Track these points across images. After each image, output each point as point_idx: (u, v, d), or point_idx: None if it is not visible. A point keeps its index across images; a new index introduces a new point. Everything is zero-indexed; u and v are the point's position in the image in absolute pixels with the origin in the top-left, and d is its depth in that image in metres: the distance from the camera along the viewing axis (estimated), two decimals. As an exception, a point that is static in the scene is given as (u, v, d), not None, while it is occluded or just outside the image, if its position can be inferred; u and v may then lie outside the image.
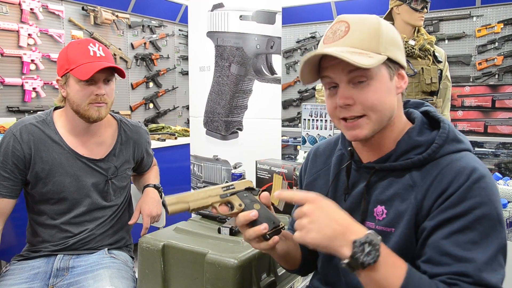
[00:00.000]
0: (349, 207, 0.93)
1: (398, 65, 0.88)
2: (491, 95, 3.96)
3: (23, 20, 3.55)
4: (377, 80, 0.84)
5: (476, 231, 0.76)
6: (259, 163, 1.73)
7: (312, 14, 5.17)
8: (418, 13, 2.22)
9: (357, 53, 0.81)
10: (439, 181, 0.82)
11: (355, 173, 0.95)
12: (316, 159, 1.08)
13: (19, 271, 1.44)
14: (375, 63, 0.80)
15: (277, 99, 2.29)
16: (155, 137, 3.46)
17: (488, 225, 0.77)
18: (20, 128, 1.44)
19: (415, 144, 0.87)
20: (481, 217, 0.77)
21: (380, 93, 0.84)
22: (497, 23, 4.25)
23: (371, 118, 0.85)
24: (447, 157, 0.84)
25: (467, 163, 0.82)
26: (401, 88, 0.88)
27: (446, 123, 0.88)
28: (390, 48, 0.85)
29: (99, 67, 1.37)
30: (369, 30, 0.84)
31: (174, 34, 5.20)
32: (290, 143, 5.04)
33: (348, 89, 0.84)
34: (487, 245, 0.76)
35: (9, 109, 3.51)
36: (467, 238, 0.76)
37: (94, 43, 1.45)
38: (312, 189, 1.04)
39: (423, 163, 0.85)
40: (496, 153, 4.06)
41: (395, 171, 0.88)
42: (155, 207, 1.61)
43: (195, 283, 1.25)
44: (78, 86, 1.40)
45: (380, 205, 0.88)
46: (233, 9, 2.13)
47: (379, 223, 0.88)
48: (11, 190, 1.42)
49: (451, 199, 0.79)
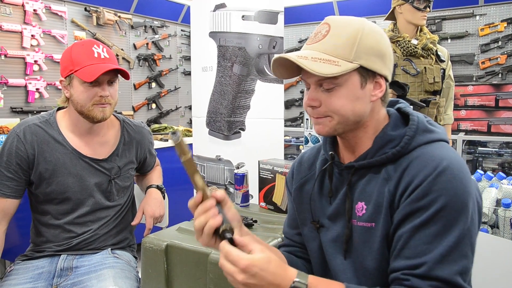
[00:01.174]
0: (335, 209, 0.96)
1: (376, 73, 0.88)
2: (494, 94, 3.94)
3: (26, 21, 3.56)
4: (345, 87, 0.86)
5: (438, 223, 0.78)
6: (261, 163, 1.73)
7: (314, 14, 5.16)
8: (420, 12, 2.21)
9: (324, 60, 0.84)
10: (408, 173, 0.84)
11: (338, 177, 0.97)
12: (301, 166, 1.11)
13: (23, 271, 1.45)
14: (338, 72, 0.83)
15: (279, 99, 2.29)
16: (157, 137, 3.46)
17: (451, 216, 0.78)
18: (23, 129, 1.45)
19: (389, 138, 0.89)
20: (443, 208, 0.78)
21: (345, 100, 0.86)
22: (501, 22, 4.23)
23: (334, 119, 0.88)
24: (419, 149, 0.86)
25: (436, 154, 0.83)
26: (375, 97, 0.89)
27: (414, 115, 0.91)
28: (366, 56, 0.85)
29: (104, 69, 1.38)
30: (346, 37, 0.85)
31: (176, 34, 5.20)
32: (293, 143, 5.04)
33: (317, 92, 0.88)
34: (447, 236, 0.77)
35: (12, 109, 3.52)
36: (429, 231, 0.78)
37: (98, 44, 1.45)
38: (300, 194, 1.07)
39: (397, 156, 0.87)
40: (500, 152, 4.04)
41: (373, 167, 0.90)
42: (158, 208, 1.62)
43: (198, 283, 1.25)
44: (82, 87, 1.40)
45: (360, 202, 0.91)
46: (235, 9, 2.13)
47: (360, 219, 0.90)
48: (15, 190, 1.43)
49: (416, 192, 0.81)
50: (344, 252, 0.93)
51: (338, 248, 0.95)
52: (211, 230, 0.81)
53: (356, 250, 0.91)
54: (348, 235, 0.92)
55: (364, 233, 0.89)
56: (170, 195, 1.87)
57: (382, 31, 0.91)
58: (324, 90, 0.87)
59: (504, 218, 1.88)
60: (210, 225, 0.80)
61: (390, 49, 0.91)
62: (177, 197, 2.40)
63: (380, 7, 4.36)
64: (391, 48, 0.92)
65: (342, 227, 0.94)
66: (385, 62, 0.89)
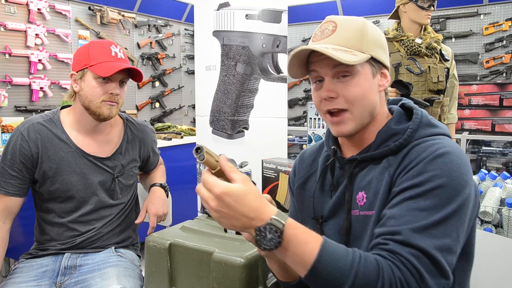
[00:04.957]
0: (336, 201, 0.97)
1: (382, 64, 0.93)
2: (498, 93, 3.93)
3: (30, 20, 3.58)
4: (360, 76, 0.89)
5: (428, 200, 0.77)
6: (265, 162, 1.73)
7: (318, 12, 5.16)
8: (424, 11, 2.20)
9: (342, 50, 0.87)
10: (408, 158, 0.85)
11: (339, 171, 0.98)
12: (302, 163, 1.12)
13: (28, 269, 1.45)
14: (358, 60, 0.86)
15: (283, 98, 2.28)
16: (161, 136, 3.47)
17: (443, 196, 0.77)
18: (27, 127, 1.45)
19: (393, 132, 0.91)
20: (436, 187, 0.78)
21: (362, 87, 0.89)
22: (505, 21, 4.21)
23: (354, 112, 0.90)
24: (421, 140, 0.88)
25: (438, 143, 0.84)
26: (383, 86, 0.93)
27: (418, 109, 0.93)
28: (374, 48, 0.90)
29: (120, 67, 1.42)
30: (354, 30, 0.90)
31: (180, 33, 5.21)
32: (296, 142, 5.04)
33: (333, 83, 0.89)
34: (435, 213, 0.76)
35: (16, 108, 3.53)
36: (416, 204, 0.78)
37: (116, 45, 1.50)
38: (302, 192, 1.07)
39: (399, 148, 0.89)
40: (504, 152, 4.03)
41: (374, 159, 0.91)
42: (161, 206, 1.62)
43: (201, 281, 1.25)
44: (94, 82, 1.43)
45: (360, 191, 0.91)
46: (239, 8, 2.13)
47: (361, 209, 0.90)
48: (19, 188, 1.44)
49: (412, 171, 0.82)
50: (344, 244, 0.93)
51: (341, 241, 0.94)
52: None
53: (357, 240, 0.91)
54: (348, 226, 0.92)
55: (365, 222, 0.89)
56: (174, 193, 1.87)
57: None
58: (339, 81, 0.89)
59: (508, 217, 1.87)
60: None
61: (386, 43, 0.96)
62: (181, 196, 2.40)
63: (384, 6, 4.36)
64: None
65: (344, 219, 0.94)
66: (386, 54, 0.95)
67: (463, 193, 0.79)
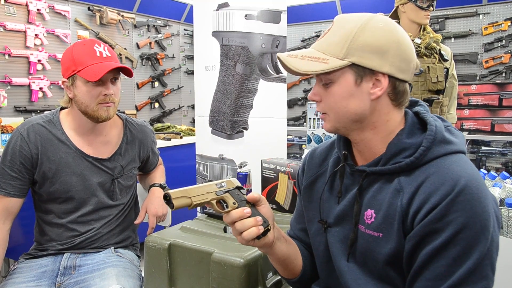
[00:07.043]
0: (342, 210, 0.94)
1: (375, 71, 0.84)
2: (498, 93, 3.93)
3: (30, 21, 3.58)
4: (338, 84, 0.86)
5: (458, 245, 0.76)
6: (264, 162, 1.73)
7: (317, 13, 5.16)
8: (424, 11, 2.20)
9: (315, 57, 0.86)
10: (423, 190, 0.81)
11: (349, 177, 0.96)
12: (312, 161, 1.09)
13: (27, 269, 1.45)
14: (322, 70, 0.85)
15: (282, 98, 2.29)
16: (160, 136, 3.47)
17: (470, 238, 0.76)
18: (27, 128, 1.45)
19: (404, 146, 0.86)
20: (462, 230, 0.76)
21: (338, 96, 0.87)
22: (504, 21, 4.21)
23: (331, 118, 0.90)
24: (435, 162, 0.83)
25: (453, 171, 0.80)
26: (374, 95, 0.85)
27: (432, 124, 0.86)
28: (360, 53, 0.83)
29: (107, 68, 1.38)
30: (342, 34, 0.85)
31: (179, 33, 5.21)
32: (296, 142, 5.04)
33: (318, 87, 0.90)
34: (468, 258, 0.76)
35: (16, 109, 3.53)
36: (449, 253, 0.77)
37: (99, 43, 1.45)
38: (310, 193, 1.06)
39: (411, 167, 0.84)
40: (503, 151, 4.03)
41: (385, 175, 0.88)
42: (161, 207, 1.62)
43: (201, 282, 1.25)
44: (86, 87, 1.41)
45: (370, 209, 0.89)
46: (238, 9, 2.13)
47: (368, 227, 0.88)
48: (19, 189, 1.44)
49: (433, 213, 0.78)
50: (347, 255, 0.93)
51: (344, 250, 0.94)
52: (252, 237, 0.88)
53: (361, 255, 0.90)
54: (353, 239, 0.91)
55: (370, 241, 0.88)
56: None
57: (394, 27, 0.87)
58: (323, 86, 0.89)
59: (507, 217, 1.87)
60: (251, 234, 0.88)
61: (396, 45, 0.84)
62: (180, 196, 2.39)
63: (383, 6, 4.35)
64: (405, 44, 0.86)
65: (349, 230, 0.93)
66: (386, 59, 0.84)
67: (489, 227, 0.78)
